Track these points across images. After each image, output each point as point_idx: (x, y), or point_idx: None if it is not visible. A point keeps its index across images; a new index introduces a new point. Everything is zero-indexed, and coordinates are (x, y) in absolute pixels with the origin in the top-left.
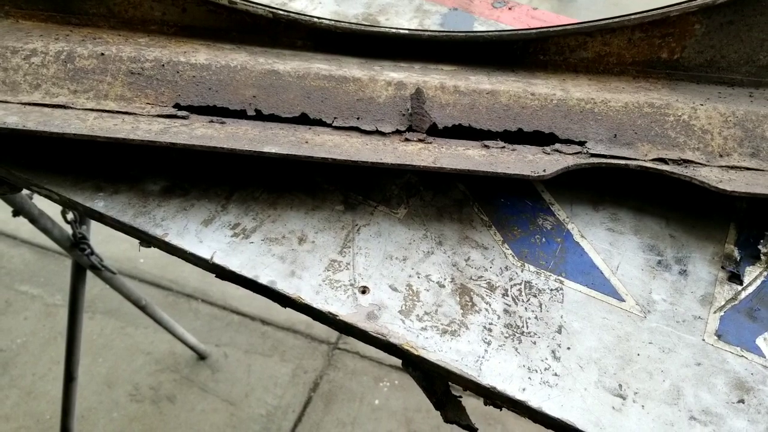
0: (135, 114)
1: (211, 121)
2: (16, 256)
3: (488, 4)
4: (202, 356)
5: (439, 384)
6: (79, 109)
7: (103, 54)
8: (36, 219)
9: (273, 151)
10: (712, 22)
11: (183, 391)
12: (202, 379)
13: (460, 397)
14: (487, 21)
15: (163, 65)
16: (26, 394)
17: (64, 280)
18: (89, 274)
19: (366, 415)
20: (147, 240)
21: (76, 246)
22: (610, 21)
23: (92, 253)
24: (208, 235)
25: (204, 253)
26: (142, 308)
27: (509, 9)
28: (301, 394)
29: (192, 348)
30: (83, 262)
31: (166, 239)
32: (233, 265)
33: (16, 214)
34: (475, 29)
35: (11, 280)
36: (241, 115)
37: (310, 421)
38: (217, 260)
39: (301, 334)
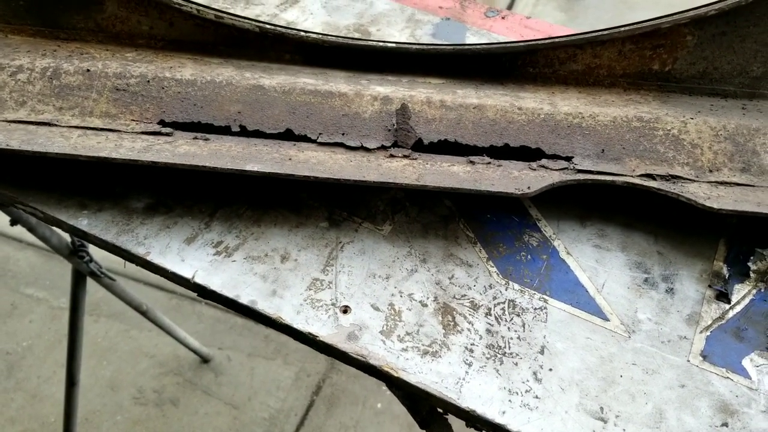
0: (119, 131)
1: (195, 138)
2: (22, 259)
3: (481, 14)
4: (205, 359)
5: (423, 403)
6: (63, 126)
7: (89, 70)
8: (34, 227)
9: (255, 169)
10: (705, 34)
11: (186, 395)
12: (205, 382)
13: (447, 414)
14: (479, 31)
15: (149, 81)
16: (31, 397)
17: (69, 283)
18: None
19: (368, 418)
20: (129, 259)
21: (75, 253)
22: (600, 33)
23: (91, 260)
24: (190, 253)
25: (186, 272)
26: (144, 313)
27: (502, 18)
28: (304, 397)
29: (195, 351)
30: (83, 269)
31: (148, 258)
32: (214, 284)
33: (13, 223)
34: (467, 39)
35: (17, 283)
36: (225, 131)
37: (312, 425)
38: (199, 279)
39: None
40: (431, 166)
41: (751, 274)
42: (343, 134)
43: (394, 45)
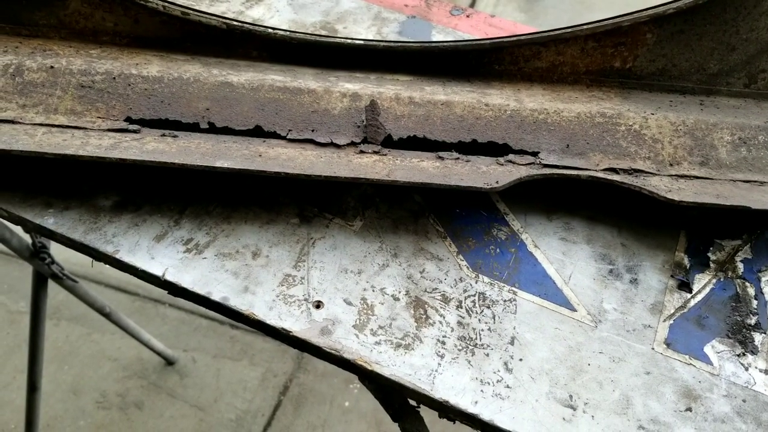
0: (85, 128)
1: (163, 135)
2: None
3: (446, 12)
4: (169, 362)
5: (395, 396)
6: (27, 124)
7: (52, 67)
8: None
9: (225, 165)
10: (664, 32)
11: (151, 398)
12: (170, 384)
13: (419, 407)
14: (445, 29)
15: (115, 78)
16: None
17: (28, 286)
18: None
19: (336, 417)
20: (98, 257)
21: (36, 255)
22: (563, 31)
23: (53, 262)
24: (160, 251)
25: (156, 270)
26: (107, 316)
27: (467, 17)
28: (271, 397)
29: (159, 354)
30: (44, 272)
31: (117, 256)
32: (185, 281)
33: None
34: (433, 37)
35: None
36: (194, 128)
37: (279, 425)
38: (169, 277)
39: None
40: (401, 162)
41: (711, 264)
42: (312, 131)
43: (362, 42)
